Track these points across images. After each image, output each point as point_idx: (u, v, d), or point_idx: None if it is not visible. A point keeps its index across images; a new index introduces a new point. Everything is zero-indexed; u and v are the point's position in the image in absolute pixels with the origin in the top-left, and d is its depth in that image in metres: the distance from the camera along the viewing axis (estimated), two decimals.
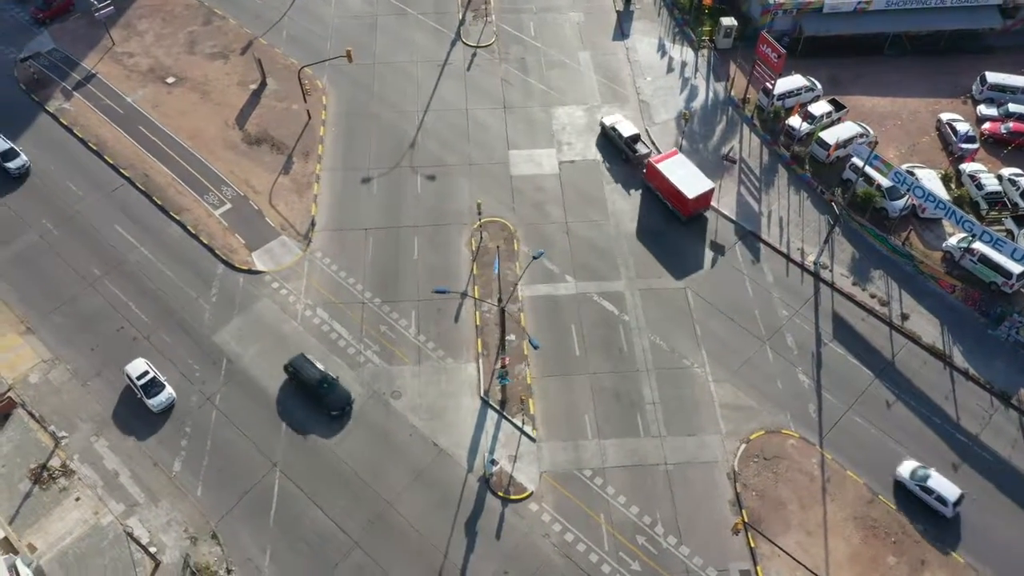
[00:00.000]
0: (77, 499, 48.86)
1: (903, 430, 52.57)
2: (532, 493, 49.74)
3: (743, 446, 51.73)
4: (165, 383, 52.47)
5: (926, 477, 48.99)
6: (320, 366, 53.05)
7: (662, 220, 62.81)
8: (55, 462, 50.09)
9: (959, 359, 55.73)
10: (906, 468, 49.93)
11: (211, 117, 69.22)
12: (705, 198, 61.39)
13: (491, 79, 72.81)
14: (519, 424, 52.24)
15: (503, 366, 51.15)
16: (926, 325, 57.31)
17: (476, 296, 57.88)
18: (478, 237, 61.46)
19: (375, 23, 77.70)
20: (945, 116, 67.95)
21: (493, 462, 50.55)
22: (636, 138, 66.15)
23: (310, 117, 69.12)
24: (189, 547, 47.24)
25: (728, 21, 73.55)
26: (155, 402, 51.89)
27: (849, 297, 58.73)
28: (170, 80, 72.00)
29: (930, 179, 61.80)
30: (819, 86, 70.28)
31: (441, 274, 59.27)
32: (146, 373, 52.32)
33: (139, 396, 52.29)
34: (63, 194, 63.32)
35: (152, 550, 46.63)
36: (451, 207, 63.37)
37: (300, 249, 60.62)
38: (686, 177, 61.22)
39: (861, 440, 52.18)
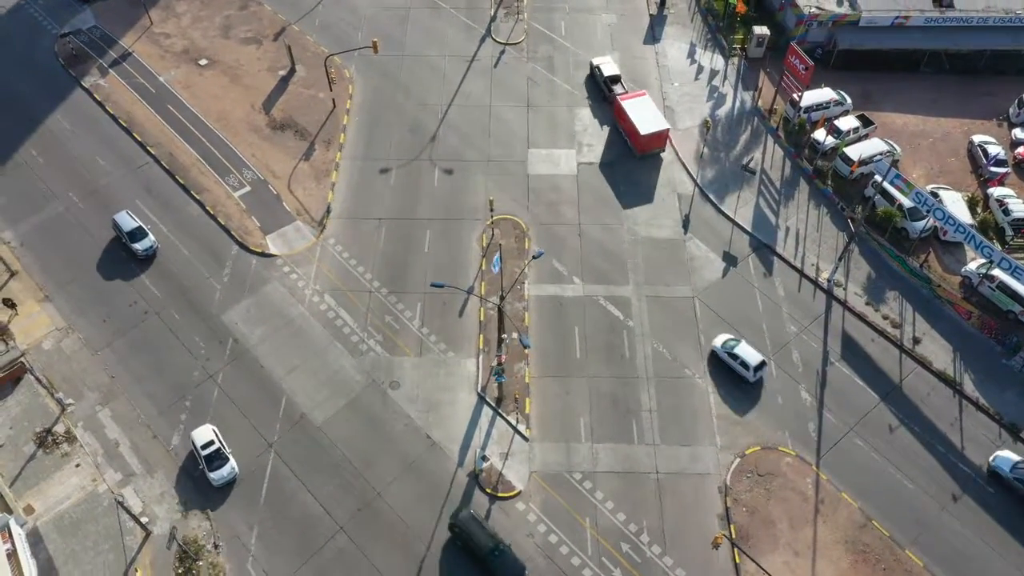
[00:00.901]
0: (77, 465, 50.19)
1: (904, 456, 51.49)
2: (520, 492, 49.79)
3: (737, 460, 51.14)
4: (229, 455, 49.33)
5: (735, 345, 53.89)
6: (489, 529, 46.24)
7: (621, 154, 67.03)
8: (60, 428, 51.49)
9: (970, 387, 54.35)
10: (719, 339, 54.99)
11: (239, 100, 70.41)
12: (659, 137, 65.11)
13: (517, 77, 72.85)
14: (513, 422, 52.31)
15: (499, 363, 51.21)
16: (938, 350, 56.00)
17: (482, 293, 58.03)
18: (489, 234, 61.61)
19: (407, 15, 78.24)
20: (977, 138, 66.27)
21: (484, 458, 50.74)
22: (616, 79, 69.97)
23: (335, 105, 69.92)
24: (180, 520, 48.26)
25: (761, 30, 72.53)
26: (216, 476, 48.70)
27: (861, 317, 57.62)
28: (203, 62, 73.41)
29: (954, 201, 60.39)
30: (849, 100, 68.98)
31: (450, 268, 59.57)
32: (211, 443, 49.28)
33: (200, 467, 49.44)
34: (91, 168, 64.94)
35: (144, 520, 47.72)
36: (466, 202, 63.61)
37: (313, 235, 61.40)
38: (645, 116, 64.98)
39: (860, 463, 51.22)
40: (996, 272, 56.20)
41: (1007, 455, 50.22)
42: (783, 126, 68.19)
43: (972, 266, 58.25)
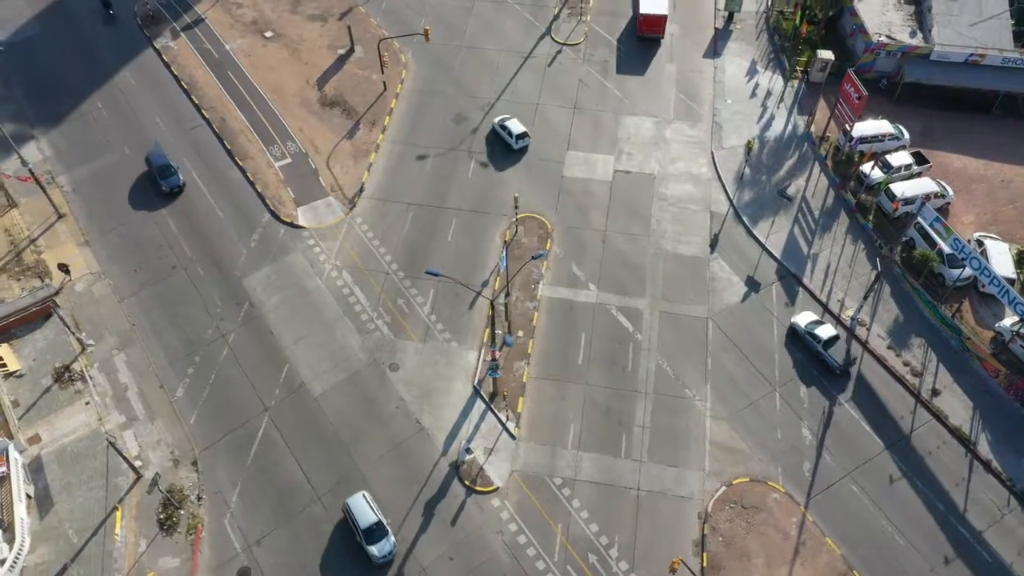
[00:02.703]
0: (87, 403, 52.84)
1: (900, 509, 49.39)
2: (498, 489, 49.95)
3: (723, 489, 50.01)
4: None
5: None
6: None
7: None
8: (77, 366, 54.27)
9: (984, 448, 51.70)
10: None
11: (295, 75, 72.48)
12: (656, 21, 74.11)
13: (569, 78, 72.65)
14: (503, 419, 52.47)
15: (494, 359, 51.43)
16: (957, 405, 53.41)
17: (495, 288, 58.29)
18: (513, 230, 61.78)
19: (472, 7, 78.95)
20: None
21: (468, 451, 51.08)
22: None
23: (386, 88, 71.21)
24: (170, 469, 50.31)
25: (825, 54, 70.24)
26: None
27: (880, 360, 55.42)
28: (268, 34, 75.83)
29: (1000, 253, 57.43)
30: (906, 136, 66.20)
31: (469, 260, 60.05)
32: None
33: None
34: (148, 124, 68.00)
35: (137, 464, 49.93)
36: (496, 196, 63.93)
37: (343, 212, 62.80)
38: (651, 4, 74.53)
39: (851, 510, 49.38)
40: None
41: None
42: (832, 155, 66.00)
43: (1007, 322, 55.24)
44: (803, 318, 56.09)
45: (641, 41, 75.73)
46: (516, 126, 66.38)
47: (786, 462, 51.19)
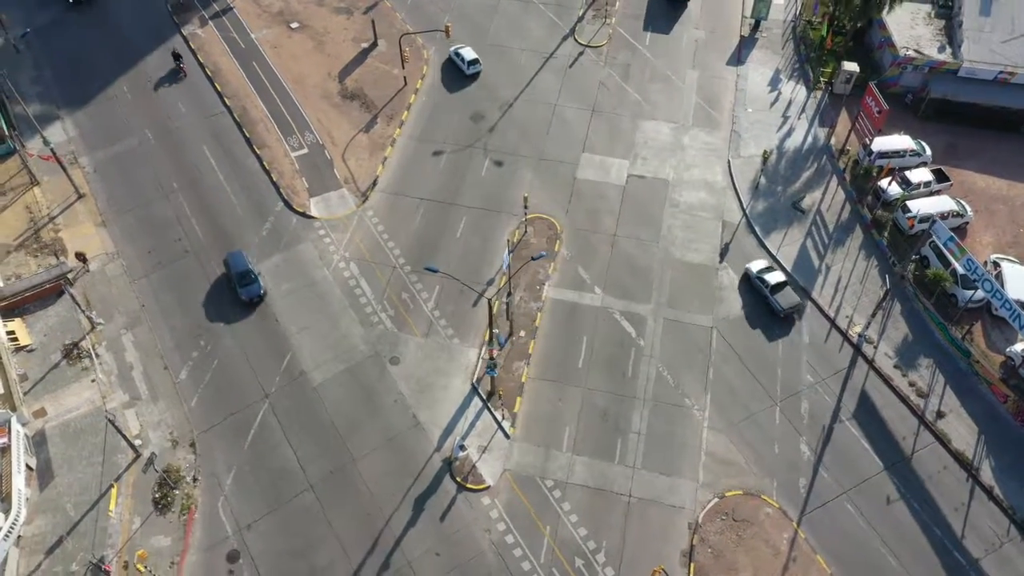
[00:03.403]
0: (93, 380, 53.89)
1: (896, 531, 48.61)
2: (489, 487, 50.04)
3: (716, 500, 49.61)
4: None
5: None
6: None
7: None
8: (85, 343, 55.37)
9: (987, 474, 50.67)
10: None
11: (318, 66, 73.15)
12: None
13: (590, 80, 72.43)
14: (499, 418, 52.55)
15: (491, 357, 51.50)
16: (961, 429, 52.40)
17: (501, 285, 58.35)
18: (523, 230, 61.79)
19: (497, 5, 79.03)
20: None
21: (462, 447, 51.26)
22: None
23: (406, 83, 71.59)
24: (168, 449, 51.15)
25: (851, 66, 69.17)
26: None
27: (886, 379, 54.56)
28: (294, 25, 76.63)
29: (1017, 275, 56.22)
30: (928, 152, 65.04)
31: (476, 258, 60.19)
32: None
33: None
34: (170, 109, 69.05)
35: (137, 443, 50.81)
36: (508, 195, 63.95)
37: (355, 204, 63.29)
38: None
39: (845, 529, 48.72)
40: None
41: None
42: (851, 169, 65.04)
43: (1018, 347, 54.02)
44: (756, 264, 58.94)
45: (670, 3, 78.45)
46: (469, 53, 71.99)
47: (782, 477, 50.62)
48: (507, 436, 52.04)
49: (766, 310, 57.42)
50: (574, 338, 56.39)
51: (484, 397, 53.40)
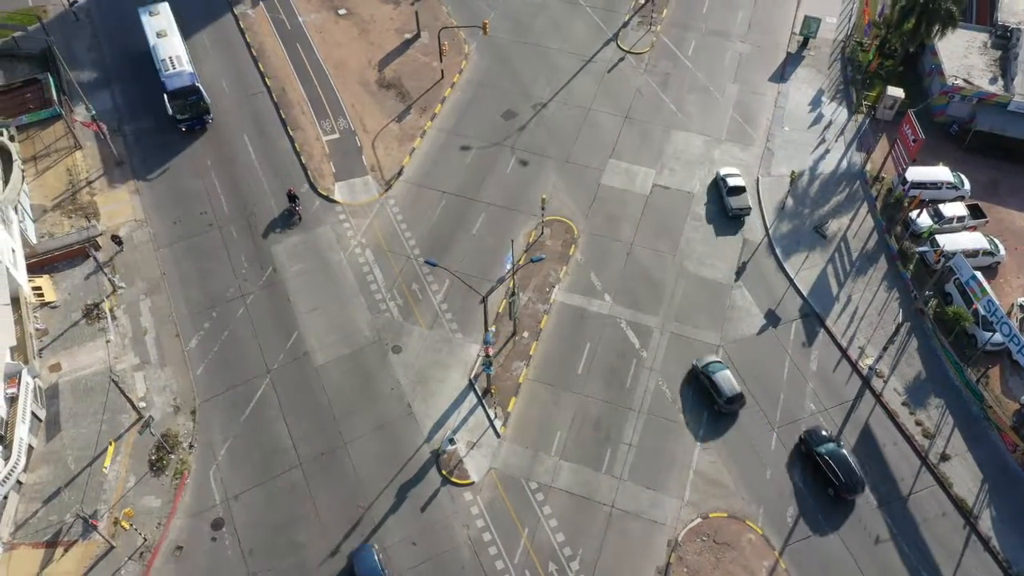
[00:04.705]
0: (108, 341, 55.91)
1: (881, 571, 47.32)
2: (473, 483, 50.35)
3: (698, 520, 49.00)
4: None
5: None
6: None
7: None
8: (105, 305, 57.46)
9: (986, 524, 48.92)
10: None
11: (359, 54, 74.28)
12: None
13: (627, 87, 71.94)
14: (491, 415, 52.80)
15: (487, 354, 51.73)
16: (965, 474, 50.67)
17: (511, 285, 58.46)
18: (539, 231, 61.82)
19: (544, 4, 79.03)
20: None
21: (452, 441, 51.70)
22: None
23: (443, 76, 72.18)
24: (170, 415, 52.79)
25: (896, 92, 67.29)
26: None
27: (892, 416, 53.07)
28: (342, 11, 77.95)
29: None
30: (967, 186, 62.88)
31: (489, 255, 60.44)
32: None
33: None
34: (212, 85, 70.75)
35: (141, 405, 52.59)
36: (529, 195, 64.01)
37: (378, 192, 64.18)
38: None
39: (829, 565, 47.59)
40: None
41: None
42: (884, 197, 63.29)
43: None
44: (725, 169, 63.57)
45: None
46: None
47: (770, 504, 49.72)
48: (497, 435, 52.25)
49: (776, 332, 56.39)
50: (577, 343, 56.27)
51: (480, 394, 53.69)
